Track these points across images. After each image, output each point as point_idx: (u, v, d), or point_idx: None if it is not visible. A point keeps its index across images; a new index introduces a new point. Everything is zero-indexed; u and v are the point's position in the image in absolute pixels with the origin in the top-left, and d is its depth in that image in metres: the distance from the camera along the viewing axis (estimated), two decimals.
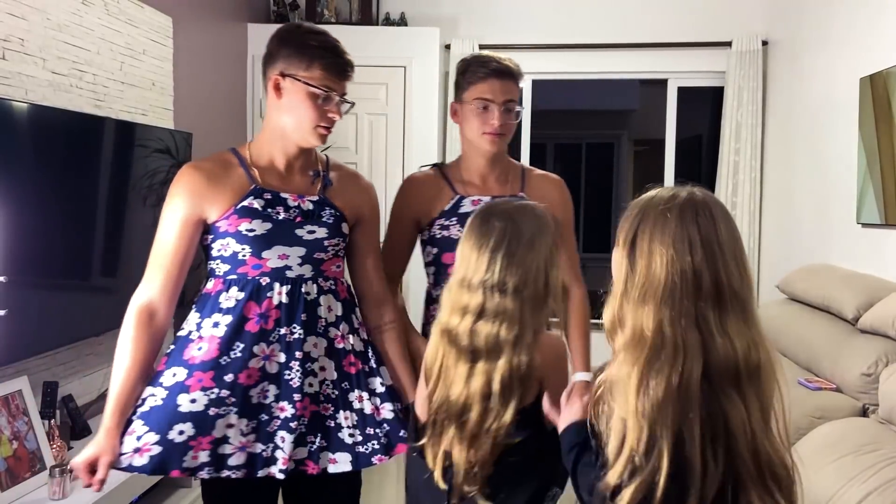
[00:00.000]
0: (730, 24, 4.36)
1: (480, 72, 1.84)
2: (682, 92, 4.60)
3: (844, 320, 2.84)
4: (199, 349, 1.55)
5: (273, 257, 1.58)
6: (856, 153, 3.24)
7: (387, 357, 1.75)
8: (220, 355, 1.54)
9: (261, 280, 1.58)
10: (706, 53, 4.42)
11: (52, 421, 2.29)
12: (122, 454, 1.52)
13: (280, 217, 1.59)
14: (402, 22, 4.45)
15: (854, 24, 3.36)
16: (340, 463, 1.61)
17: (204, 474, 1.52)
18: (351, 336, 1.69)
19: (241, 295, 1.57)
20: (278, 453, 1.56)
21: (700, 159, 6.93)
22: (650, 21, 4.45)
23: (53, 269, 2.36)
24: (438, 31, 4.33)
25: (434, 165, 2.00)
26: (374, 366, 1.71)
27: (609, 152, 9.65)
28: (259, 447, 1.56)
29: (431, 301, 1.92)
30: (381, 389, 1.70)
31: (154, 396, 1.54)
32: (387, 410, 1.68)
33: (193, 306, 1.63)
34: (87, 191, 2.51)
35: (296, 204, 1.62)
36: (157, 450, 1.49)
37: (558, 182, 2.00)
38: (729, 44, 4.32)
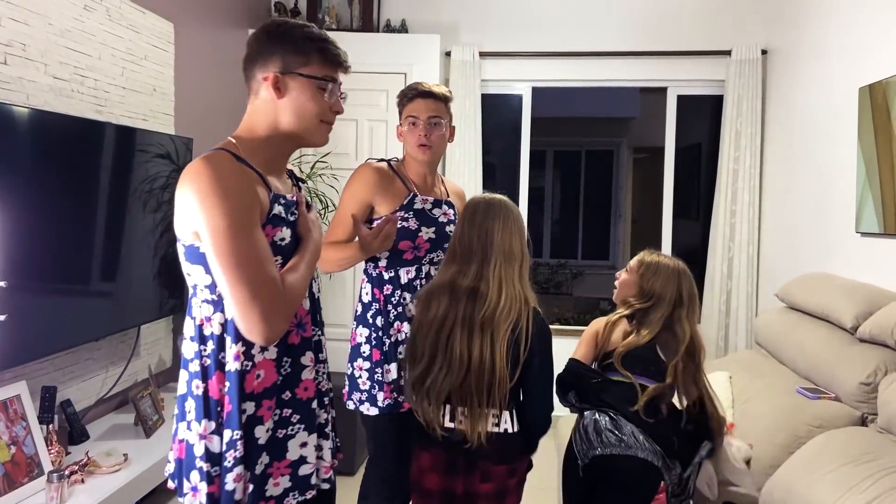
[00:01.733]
0: (729, 33, 4.39)
1: (410, 94, 2.28)
2: (682, 100, 4.61)
3: (843, 329, 2.84)
4: (258, 377, 1.45)
5: None
6: (855, 162, 3.25)
7: None
8: (277, 377, 1.49)
9: None
10: (706, 62, 4.44)
11: (51, 426, 2.29)
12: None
13: (293, 218, 1.52)
14: (403, 29, 4.47)
15: (853, 34, 3.37)
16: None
17: (291, 500, 1.50)
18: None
19: None
20: (321, 463, 1.58)
21: (699, 167, 6.94)
22: (650, 29, 4.47)
23: (53, 274, 2.36)
24: (439, 38, 4.35)
25: (383, 160, 2.32)
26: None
27: (608, 160, 9.66)
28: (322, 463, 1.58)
29: (384, 282, 2.25)
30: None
31: (242, 438, 1.43)
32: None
33: (213, 336, 1.44)
34: (88, 196, 2.51)
35: (294, 202, 1.54)
36: (250, 487, 1.45)
37: (461, 189, 2.57)
38: (728, 52, 4.34)
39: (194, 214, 1.36)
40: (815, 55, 3.75)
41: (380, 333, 2.23)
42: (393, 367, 2.22)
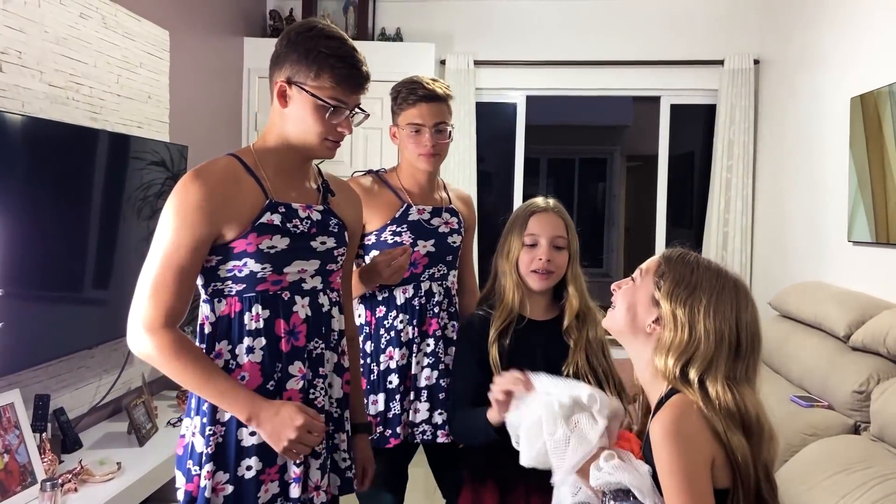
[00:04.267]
0: (722, 42, 4.41)
1: (410, 98, 1.99)
2: (675, 109, 4.64)
3: (836, 338, 2.86)
4: (242, 379, 1.45)
5: (293, 271, 1.49)
6: (847, 172, 3.27)
7: (352, 366, 1.72)
8: (265, 382, 1.46)
9: (282, 295, 1.48)
10: (699, 71, 4.47)
11: (44, 434, 2.27)
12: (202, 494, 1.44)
13: (298, 230, 1.49)
14: (398, 37, 4.48)
15: (845, 44, 3.40)
16: (332, 486, 1.59)
17: None
18: (347, 353, 1.65)
19: (267, 313, 1.46)
20: (308, 482, 1.51)
21: (692, 176, 6.96)
22: (643, 39, 4.50)
23: (47, 282, 2.35)
24: (434, 46, 4.36)
25: (370, 172, 2.12)
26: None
27: (602, 167, 9.69)
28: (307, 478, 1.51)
29: (377, 303, 2.03)
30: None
31: (214, 435, 1.44)
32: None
33: (206, 335, 1.48)
34: (82, 203, 2.50)
35: (306, 214, 1.52)
36: (229, 489, 1.43)
37: (468, 196, 2.28)
38: (721, 62, 4.37)
39: None
40: (807, 65, 3.78)
41: (368, 360, 2.01)
42: (381, 397, 1.99)
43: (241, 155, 1.50)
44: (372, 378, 2.01)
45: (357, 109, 1.52)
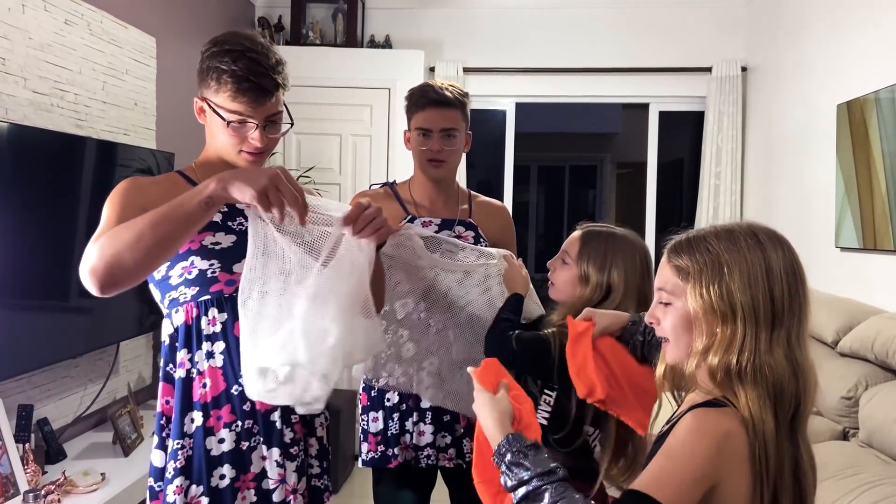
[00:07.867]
0: (710, 50, 4.44)
1: (420, 102, 1.95)
2: (664, 116, 4.66)
3: (824, 343, 2.86)
4: (204, 386, 1.43)
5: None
6: (834, 178, 3.29)
7: None
8: (229, 386, 1.43)
9: (237, 296, 1.42)
10: (687, 79, 4.49)
11: (27, 445, 2.24)
12: None
13: (244, 228, 1.45)
14: (387, 44, 4.49)
15: (831, 52, 3.42)
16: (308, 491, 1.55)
17: None
18: None
19: (224, 316, 1.43)
20: (284, 485, 1.48)
21: (681, 182, 7.00)
22: (632, 46, 4.52)
23: (31, 290, 2.33)
24: (423, 53, 4.37)
25: (385, 184, 2.10)
26: None
27: (592, 174, 9.72)
28: (292, 480, 1.49)
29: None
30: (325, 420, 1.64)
31: (183, 448, 1.42)
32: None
33: (165, 347, 1.48)
34: (68, 211, 2.48)
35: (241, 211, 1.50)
36: (205, 501, 1.41)
37: (502, 208, 2.17)
38: (709, 69, 4.39)
39: None
40: (794, 72, 3.80)
41: (369, 376, 1.93)
42: (380, 415, 1.93)
43: (184, 171, 1.54)
44: (372, 394, 1.95)
45: (275, 119, 1.47)
